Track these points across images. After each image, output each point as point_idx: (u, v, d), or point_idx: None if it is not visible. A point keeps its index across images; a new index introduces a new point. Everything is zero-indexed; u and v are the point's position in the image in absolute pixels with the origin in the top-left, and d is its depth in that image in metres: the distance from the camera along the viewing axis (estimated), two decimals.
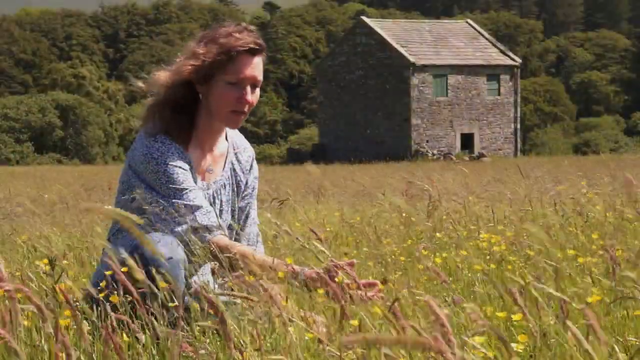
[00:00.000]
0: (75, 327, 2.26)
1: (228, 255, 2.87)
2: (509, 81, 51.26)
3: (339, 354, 2.15)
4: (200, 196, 3.05)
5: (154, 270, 2.66)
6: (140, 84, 3.18)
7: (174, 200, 2.99)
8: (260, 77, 3.13)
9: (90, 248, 4.48)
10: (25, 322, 2.48)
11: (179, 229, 2.95)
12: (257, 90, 3.13)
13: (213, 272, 2.98)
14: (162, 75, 3.12)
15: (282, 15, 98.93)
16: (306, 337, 2.34)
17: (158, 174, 3.02)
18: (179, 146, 3.09)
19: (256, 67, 3.10)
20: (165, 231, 2.94)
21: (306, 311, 2.62)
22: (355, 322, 2.24)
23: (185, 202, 2.99)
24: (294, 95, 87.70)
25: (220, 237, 3.00)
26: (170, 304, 2.56)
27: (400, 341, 1.21)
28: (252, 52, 3.09)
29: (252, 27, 3.14)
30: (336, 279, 2.67)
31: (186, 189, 3.02)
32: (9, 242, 5.61)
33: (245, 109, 3.10)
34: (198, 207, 3.01)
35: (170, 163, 3.04)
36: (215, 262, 2.89)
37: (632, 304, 2.58)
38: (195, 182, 3.12)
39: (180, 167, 3.05)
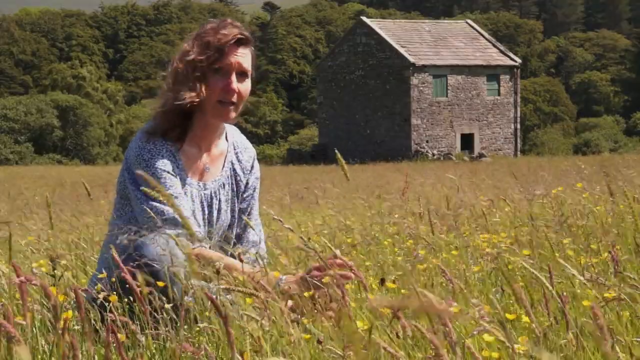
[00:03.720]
0: (79, 327, 2.27)
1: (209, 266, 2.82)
2: (509, 81, 51.25)
3: (341, 354, 2.16)
4: (185, 205, 3.04)
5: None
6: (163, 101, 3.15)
7: (155, 204, 2.97)
8: (247, 66, 3.10)
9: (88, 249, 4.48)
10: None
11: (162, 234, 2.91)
12: (247, 82, 3.11)
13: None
14: (165, 86, 3.12)
15: (282, 15, 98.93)
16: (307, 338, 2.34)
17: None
18: (172, 147, 3.08)
19: (242, 55, 3.08)
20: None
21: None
22: (362, 324, 2.24)
23: (168, 209, 2.95)
24: (294, 95, 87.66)
25: (201, 249, 2.95)
26: (167, 306, 2.56)
27: (423, 307, 1.25)
28: (237, 43, 3.09)
29: (237, 22, 3.14)
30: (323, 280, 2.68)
31: (172, 195, 2.99)
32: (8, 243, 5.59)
33: (233, 99, 3.07)
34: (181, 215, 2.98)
35: (158, 167, 3.02)
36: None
37: (632, 304, 2.59)
38: (184, 185, 3.09)
39: (168, 172, 3.03)
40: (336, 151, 3.05)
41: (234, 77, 3.06)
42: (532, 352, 2.09)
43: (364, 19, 53.56)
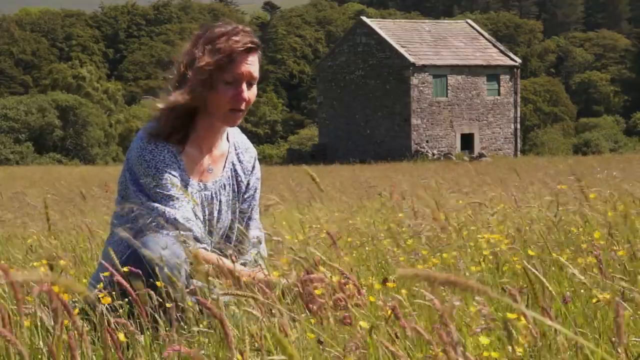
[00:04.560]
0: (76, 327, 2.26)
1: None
2: (509, 81, 51.25)
3: (341, 353, 2.15)
4: (186, 206, 3.04)
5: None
6: (159, 104, 3.12)
7: (156, 205, 2.97)
8: (256, 74, 3.12)
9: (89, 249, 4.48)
10: (26, 323, 2.47)
11: (164, 235, 2.90)
12: (254, 87, 3.12)
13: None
14: (171, 87, 3.10)
15: (282, 15, 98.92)
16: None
17: (148, 177, 3.01)
18: (174, 148, 3.07)
19: (252, 64, 3.09)
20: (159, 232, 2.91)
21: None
22: (364, 324, 2.24)
23: (169, 210, 2.97)
24: (294, 95, 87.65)
25: (202, 251, 2.95)
26: (168, 305, 2.56)
27: (450, 281, 1.25)
28: (248, 50, 3.09)
29: (247, 28, 3.14)
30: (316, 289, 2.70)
31: (173, 196, 2.99)
32: (10, 242, 5.60)
33: (243, 107, 3.08)
34: (182, 217, 2.99)
35: (160, 168, 3.02)
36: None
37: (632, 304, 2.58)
38: (187, 186, 3.09)
39: (169, 173, 3.02)
40: (305, 167, 3.06)
41: (244, 87, 3.07)
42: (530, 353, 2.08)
43: (364, 19, 53.54)
